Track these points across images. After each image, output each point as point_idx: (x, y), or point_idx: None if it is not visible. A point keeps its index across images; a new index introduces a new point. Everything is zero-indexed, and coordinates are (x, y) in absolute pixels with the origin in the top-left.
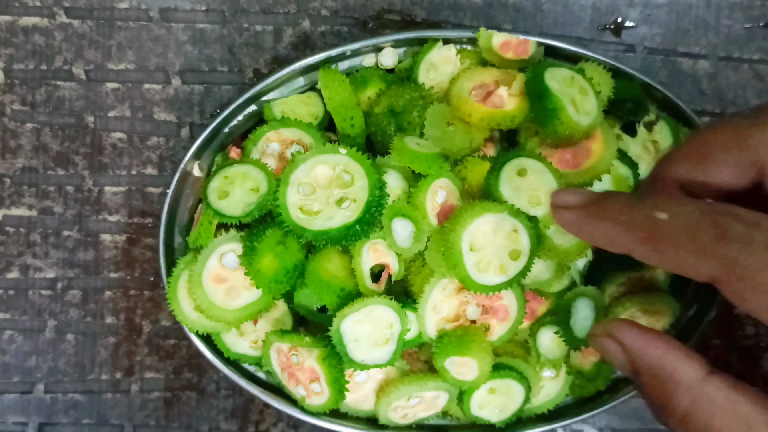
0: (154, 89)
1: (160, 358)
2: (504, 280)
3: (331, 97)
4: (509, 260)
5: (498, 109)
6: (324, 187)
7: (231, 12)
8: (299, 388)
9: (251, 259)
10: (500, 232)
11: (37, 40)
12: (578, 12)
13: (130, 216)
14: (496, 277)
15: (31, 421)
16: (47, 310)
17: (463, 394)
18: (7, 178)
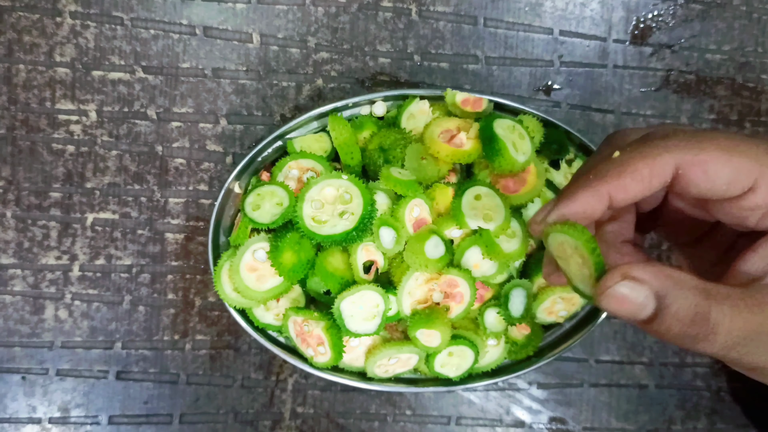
0: (206, 127)
1: (207, 325)
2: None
3: (336, 137)
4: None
5: (459, 149)
6: (330, 203)
7: (264, 72)
8: (309, 350)
9: (276, 255)
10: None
11: (121, 89)
12: (519, 77)
13: (187, 220)
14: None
15: (111, 369)
16: (125, 288)
17: (429, 356)
18: (97, 191)
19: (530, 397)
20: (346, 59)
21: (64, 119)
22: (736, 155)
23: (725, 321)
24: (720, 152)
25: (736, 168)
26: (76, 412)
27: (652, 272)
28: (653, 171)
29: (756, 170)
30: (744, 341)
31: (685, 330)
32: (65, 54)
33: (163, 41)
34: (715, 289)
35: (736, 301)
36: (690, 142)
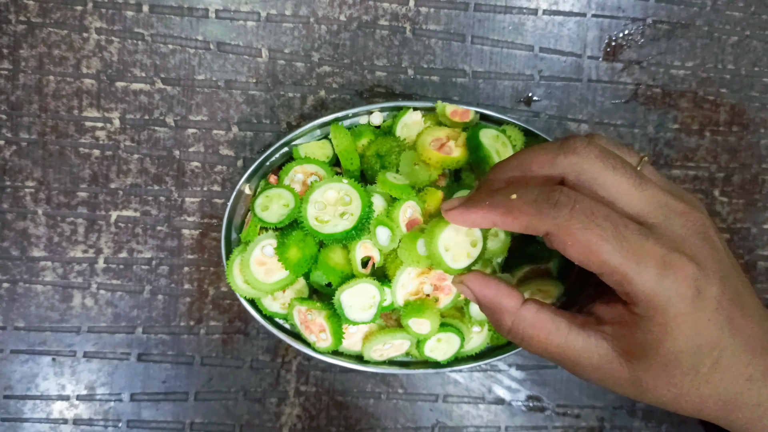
0: (220, 134)
1: (220, 312)
2: (472, 261)
3: (338, 144)
4: (471, 248)
5: (448, 156)
6: (332, 205)
7: (272, 84)
8: (312, 336)
9: (282, 251)
10: (460, 233)
11: (142, 99)
12: (503, 90)
13: (202, 218)
14: (466, 261)
15: (132, 352)
16: (145, 279)
17: (420, 342)
18: (120, 191)
19: (510, 377)
20: (347, 73)
21: (90, 126)
22: (592, 253)
23: (519, 333)
24: (581, 244)
25: (588, 260)
26: (101, 390)
27: (477, 286)
28: (529, 227)
29: (602, 268)
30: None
31: (493, 324)
32: (91, 66)
33: (180, 55)
34: (520, 313)
35: (534, 328)
36: (565, 224)
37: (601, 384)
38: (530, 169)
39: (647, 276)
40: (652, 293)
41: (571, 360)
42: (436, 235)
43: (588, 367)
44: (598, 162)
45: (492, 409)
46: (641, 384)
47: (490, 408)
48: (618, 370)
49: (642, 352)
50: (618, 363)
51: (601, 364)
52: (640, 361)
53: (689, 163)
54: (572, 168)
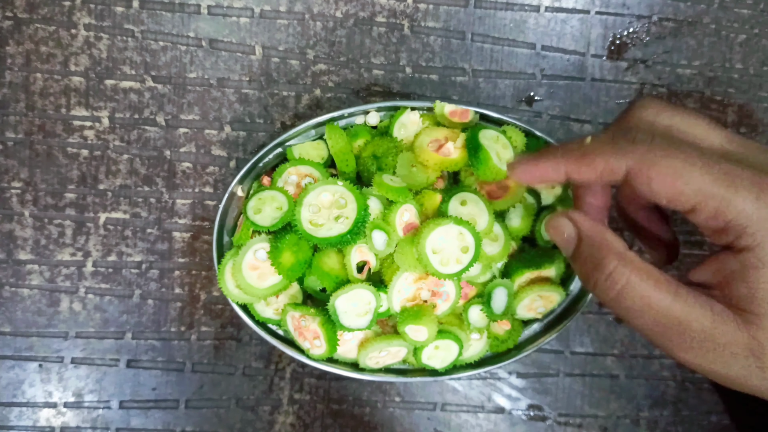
0: (212, 133)
1: (211, 318)
2: (461, 268)
3: (333, 145)
4: (462, 254)
5: (446, 158)
6: (327, 207)
7: (266, 82)
8: (306, 343)
9: (275, 255)
10: (451, 237)
11: (132, 97)
12: (503, 89)
13: (193, 220)
14: (455, 266)
15: (121, 358)
16: (135, 283)
17: (417, 349)
18: (109, 192)
19: (510, 385)
20: (343, 71)
21: (78, 125)
22: (681, 180)
23: (622, 280)
24: (667, 173)
25: (677, 191)
26: (89, 397)
27: (584, 220)
28: (606, 168)
29: (693, 198)
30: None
31: (586, 272)
32: (80, 64)
33: (171, 52)
34: (627, 255)
35: (642, 274)
36: (648, 155)
37: (708, 364)
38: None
39: (747, 198)
40: (753, 216)
41: (679, 323)
42: (424, 236)
43: (698, 332)
44: (669, 109)
45: (491, 418)
46: (763, 349)
47: (490, 417)
48: (735, 332)
49: (759, 300)
50: (734, 323)
51: (715, 326)
52: (759, 317)
53: None
54: (646, 118)
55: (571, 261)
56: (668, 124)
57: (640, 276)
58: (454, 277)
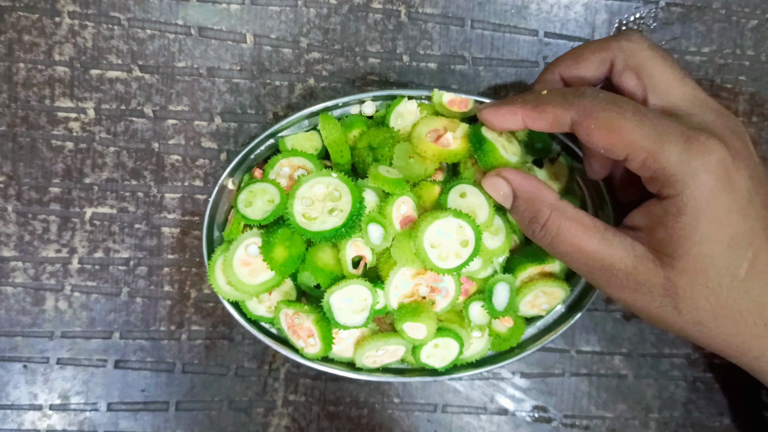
0: (202, 125)
1: (202, 316)
2: (461, 262)
3: (327, 135)
4: (461, 248)
5: (445, 148)
6: (320, 200)
7: (258, 71)
8: (300, 341)
9: (268, 250)
10: (450, 230)
11: (118, 87)
12: (505, 78)
13: (183, 215)
14: (454, 261)
15: (109, 359)
16: (122, 280)
17: (415, 347)
18: (95, 186)
19: (513, 386)
20: (337, 59)
21: (63, 116)
22: (614, 134)
23: (554, 228)
24: (602, 125)
25: (611, 143)
26: (76, 399)
27: (516, 177)
28: (555, 119)
29: (625, 149)
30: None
31: (524, 224)
32: (64, 53)
33: (159, 41)
34: (559, 205)
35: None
36: (587, 109)
37: (632, 302)
38: (583, 55)
39: (672, 150)
40: (677, 168)
41: (605, 264)
42: (422, 229)
43: (622, 272)
44: (649, 50)
45: (494, 420)
46: (677, 291)
47: (493, 419)
48: (653, 272)
49: (675, 245)
50: (653, 264)
51: (636, 266)
52: (674, 260)
53: None
54: (623, 51)
55: (511, 214)
56: (642, 63)
57: (570, 223)
58: (453, 272)
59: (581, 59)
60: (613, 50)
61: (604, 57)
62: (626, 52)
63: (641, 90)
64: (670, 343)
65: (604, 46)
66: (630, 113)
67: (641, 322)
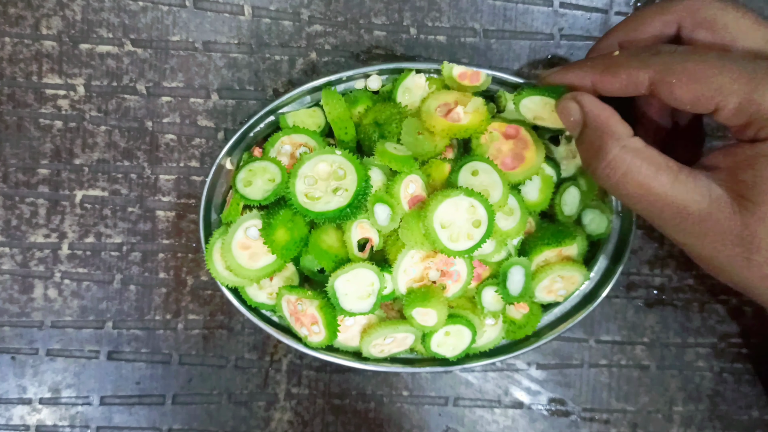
0: (198, 102)
1: (200, 304)
2: (473, 244)
3: (330, 111)
4: (473, 228)
5: (456, 123)
6: (324, 179)
7: (257, 45)
8: (303, 329)
9: (268, 232)
10: (461, 210)
11: (109, 63)
12: (518, 51)
13: (178, 197)
14: (466, 242)
15: (102, 350)
16: (115, 266)
17: (425, 335)
18: (86, 167)
19: (529, 377)
20: (341, 32)
21: (51, 94)
22: (699, 82)
23: (622, 167)
24: (686, 77)
25: (698, 94)
26: (67, 392)
27: (590, 103)
28: (630, 80)
29: (715, 98)
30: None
31: (588, 158)
32: (52, 27)
33: (152, 13)
34: (629, 142)
35: (642, 161)
36: (667, 65)
37: (699, 248)
38: (645, 20)
39: (765, 92)
40: None
41: (676, 207)
42: (432, 209)
43: (694, 215)
44: (716, 1)
45: (509, 413)
46: (752, 240)
47: (507, 413)
48: (729, 218)
49: (761, 190)
50: (730, 209)
51: (710, 211)
52: (756, 206)
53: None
54: (689, 9)
55: (577, 146)
56: (712, 15)
57: (641, 163)
58: (465, 254)
59: (643, 24)
60: (678, 10)
61: (669, 19)
62: (693, 9)
63: (718, 44)
64: (694, 332)
65: (667, 7)
66: (714, 59)
67: (664, 309)
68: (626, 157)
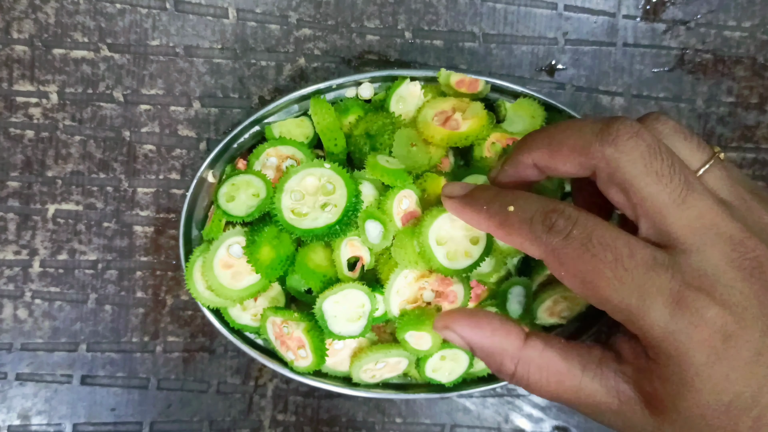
0: (178, 111)
1: (179, 326)
2: (472, 262)
3: (319, 121)
4: (471, 246)
5: (455, 131)
6: (311, 194)
7: (242, 50)
8: (289, 353)
9: (252, 250)
10: (457, 226)
11: (84, 69)
12: (520, 56)
13: (157, 212)
14: (464, 261)
15: (75, 374)
16: (90, 285)
17: (419, 360)
18: (59, 179)
19: (531, 403)
20: (331, 36)
21: (22, 102)
22: (588, 287)
23: (525, 379)
24: (575, 277)
25: (584, 292)
26: (38, 419)
27: (466, 329)
28: (524, 246)
29: (602, 304)
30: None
31: (493, 371)
32: (23, 30)
33: (130, 16)
34: (524, 355)
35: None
36: (560, 253)
37: (623, 430)
38: (560, 150)
39: (656, 315)
40: (663, 336)
41: (588, 406)
42: (427, 224)
43: (609, 413)
44: (640, 163)
45: None
46: None
47: None
48: (641, 419)
49: (664, 403)
50: (640, 412)
51: (622, 410)
52: (663, 414)
53: (747, 144)
54: (607, 163)
55: None
56: (629, 180)
57: (540, 373)
58: (462, 273)
59: (558, 154)
60: (596, 158)
61: (585, 163)
62: (611, 164)
63: (630, 209)
64: None
65: (585, 150)
66: (608, 267)
67: None
68: (525, 372)
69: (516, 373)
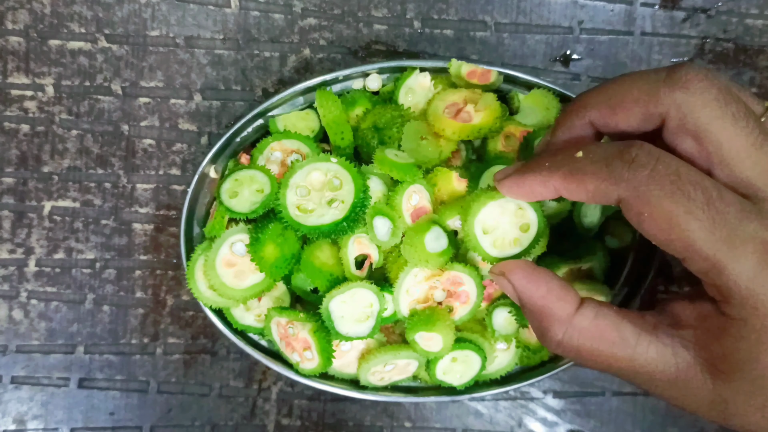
0: (179, 104)
1: (180, 327)
2: (521, 250)
3: (325, 114)
4: (521, 233)
5: (467, 123)
6: (318, 189)
7: (244, 41)
8: (294, 355)
9: (256, 248)
10: (507, 213)
11: (81, 61)
12: (534, 46)
13: (157, 209)
14: (512, 249)
15: (72, 377)
16: (87, 285)
17: (430, 362)
18: (55, 176)
19: (545, 407)
20: (337, 26)
21: (17, 95)
22: (674, 231)
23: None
24: (660, 217)
25: (669, 240)
26: (34, 424)
27: (524, 282)
28: (598, 192)
29: (684, 252)
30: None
31: (538, 336)
32: (18, 21)
33: (128, 6)
34: (574, 321)
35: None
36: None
37: (676, 403)
38: (622, 103)
39: (745, 266)
40: (750, 289)
41: (642, 375)
42: (473, 212)
43: (663, 380)
44: (714, 105)
45: None
46: (726, 407)
47: None
48: (700, 386)
49: (732, 366)
50: (701, 378)
51: (679, 377)
52: (729, 378)
53: None
54: (678, 108)
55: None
56: (704, 125)
57: (591, 342)
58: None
59: (620, 109)
60: (665, 105)
61: (652, 112)
62: (682, 109)
63: (704, 158)
64: None
65: (652, 97)
66: (700, 208)
67: None
68: (573, 339)
69: (563, 341)
